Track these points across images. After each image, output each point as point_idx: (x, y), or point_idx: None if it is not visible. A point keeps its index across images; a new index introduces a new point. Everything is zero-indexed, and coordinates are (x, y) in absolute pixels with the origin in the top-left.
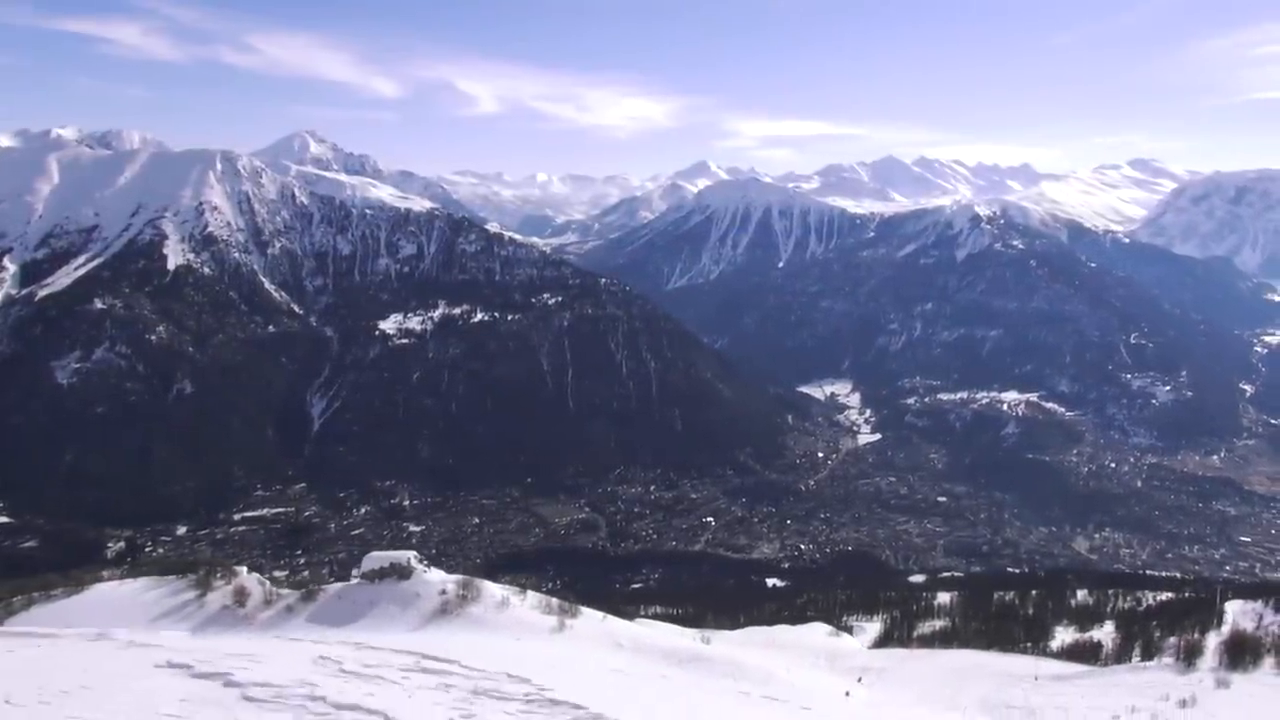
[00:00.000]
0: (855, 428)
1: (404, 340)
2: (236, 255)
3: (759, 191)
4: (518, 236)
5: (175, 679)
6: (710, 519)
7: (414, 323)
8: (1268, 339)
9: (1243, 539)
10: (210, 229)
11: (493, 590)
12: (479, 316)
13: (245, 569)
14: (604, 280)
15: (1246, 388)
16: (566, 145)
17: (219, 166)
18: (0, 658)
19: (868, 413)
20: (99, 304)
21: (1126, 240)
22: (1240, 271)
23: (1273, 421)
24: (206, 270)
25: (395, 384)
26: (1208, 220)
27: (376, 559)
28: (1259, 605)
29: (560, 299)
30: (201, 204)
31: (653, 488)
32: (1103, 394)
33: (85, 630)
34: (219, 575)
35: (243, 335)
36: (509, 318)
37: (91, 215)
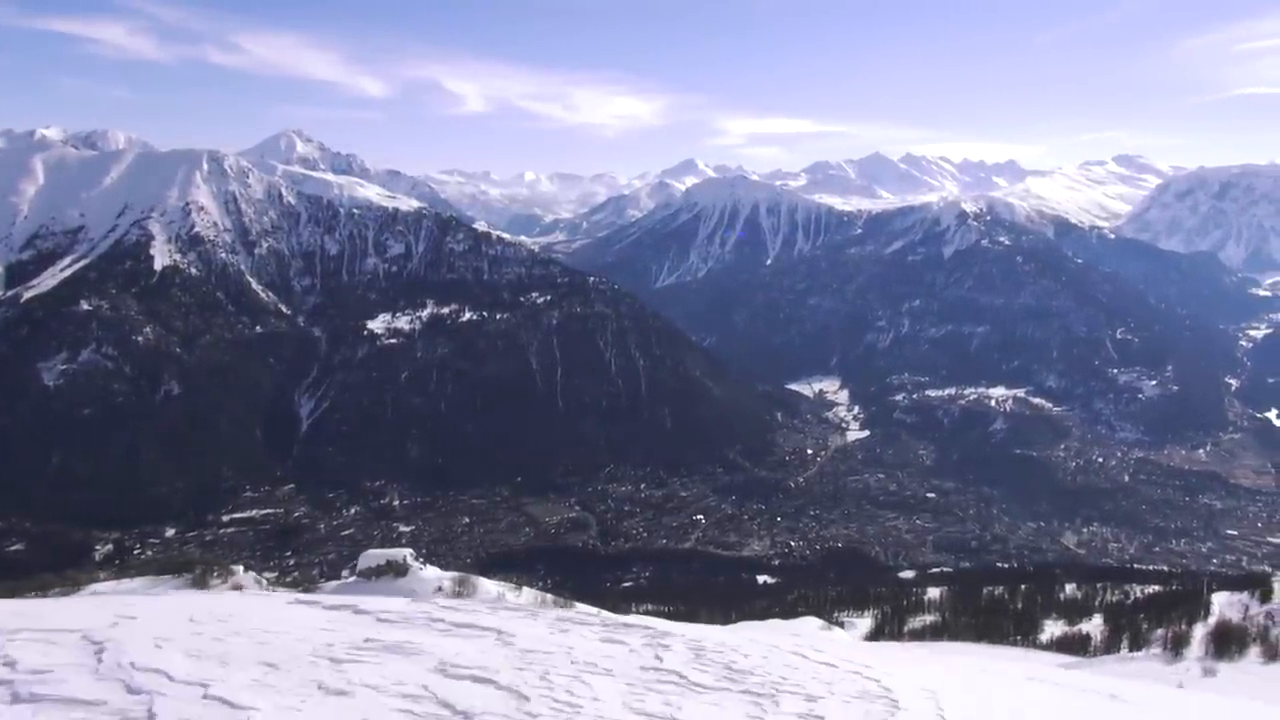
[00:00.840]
0: (844, 425)
1: (392, 340)
2: (223, 255)
3: (747, 189)
4: (506, 235)
5: (311, 610)
6: (700, 517)
7: (402, 322)
8: (1252, 333)
9: (1229, 532)
10: (197, 229)
11: (488, 586)
12: (467, 316)
13: (242, 568)
14: (592, 279)
15: (1232, 382)
16: (554, 144)
17: (205, 166)
18: (135, 606)
19: (856, 409)
20: (85, 305)
21: (1112, 236)
22: (1225, 266)
23: (1258, 415)
24: (193, 271)
25: (384, 384)
26: (1192, 216)
27: (372, 557)
28: (1244, 596)
29: (549, 298)
30: (188, 204)
31: (643, 486)
32: (1089, 389)
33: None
34: (215, 574)
35: (230, 336)
36: (497, 317)
37: (77, 216)
